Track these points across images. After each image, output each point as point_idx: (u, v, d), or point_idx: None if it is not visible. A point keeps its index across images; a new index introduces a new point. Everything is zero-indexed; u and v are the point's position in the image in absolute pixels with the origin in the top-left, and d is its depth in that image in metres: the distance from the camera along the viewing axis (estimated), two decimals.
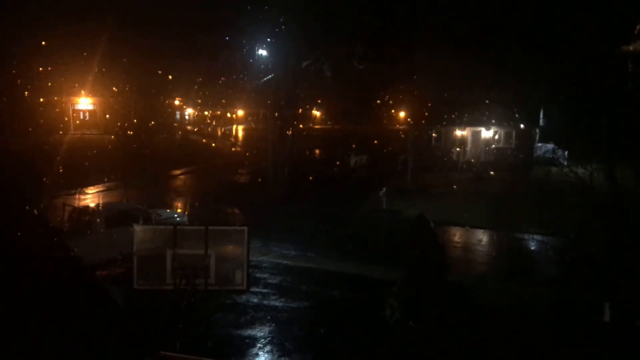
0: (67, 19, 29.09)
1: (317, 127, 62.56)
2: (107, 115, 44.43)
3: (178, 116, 60.90)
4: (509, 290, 13.28)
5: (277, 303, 12.37)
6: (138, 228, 11.93)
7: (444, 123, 37.59)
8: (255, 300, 12.39)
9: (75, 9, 29.12)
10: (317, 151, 44.64)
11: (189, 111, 64.76)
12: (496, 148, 36.62)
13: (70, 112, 43.88)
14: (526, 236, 18.80)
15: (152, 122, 44.41)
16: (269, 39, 28.77)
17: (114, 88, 42.87)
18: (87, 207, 16.95)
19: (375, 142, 44.18)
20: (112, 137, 41.29)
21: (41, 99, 35.82)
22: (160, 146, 42.25)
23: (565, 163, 31.03)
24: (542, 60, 23.69)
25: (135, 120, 43.44)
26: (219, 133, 58.05)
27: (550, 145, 34.57)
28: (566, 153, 29.18)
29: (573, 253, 16.37)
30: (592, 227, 16.43)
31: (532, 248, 18.00)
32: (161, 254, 11.63)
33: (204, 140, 51.42)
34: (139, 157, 34.94)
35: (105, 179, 26.92)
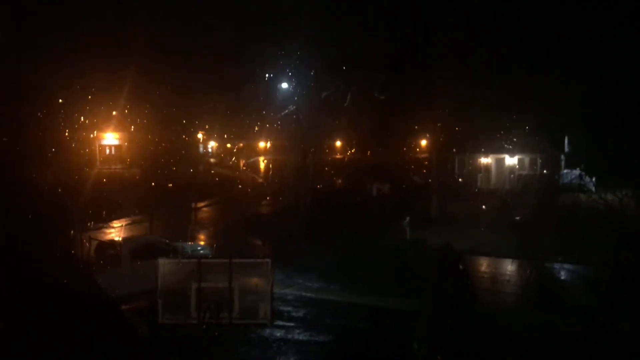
0: (94, 54, 30.01)
1: (338, 156, 62.73)
2: (132, 150, 45.34)
3: (201, 149, 61.85)
4: (540, 320, 12.84)
5: (302, 337, 12.16)
6: (162, 261, 12.01)
7: (467, 150, 37.33)
8: (280, 334, 12.21)
9: (101, 45, 30.04)
10: (338, 181, 44.61)
11: (212, 144, 65.73)
12: (521, 175, 36.12)
13: (97, 147, 44.92)
14: (556, 265, 18.30)
15: (176, 156, 45.12)
16: (289, 71, 29.24)
17: (139, 123, 43.83)
18: (112, 241, 17.15)
19: (397, 170, 44.00)
20: (138, 171, 42.01)
21: (68, 135, 36.79)
22: (184, 179, 42.78)
23: (594, 189, 30.60)
24: (568, 86, 23.47)
25: (159, 154, 44.21)
26: (242, 165, 58.64)
27: (576, 172, 34.00)
28: (594, 179, 28.62)
29: (604, 282, 15.89)
30: (623, 255, 15.95)
31: (562, 277, 17.50)
32: (185, 288, 11.65)
33: (226, 173, 51.95)
34: (163, 190, 35.40)
35: (131, 213, 27.27)
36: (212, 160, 61.38)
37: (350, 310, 13.91)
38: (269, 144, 64.49)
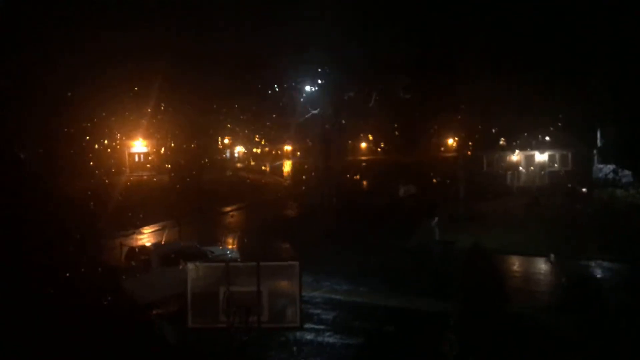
0: (122, 64, 30.63)
1: (364, 158, 62.49)
2: (160, 157, 46.09)
3: (228, 154, 62.46)
4: (575, 321, 12.43)
5: (331, 340, 12.07)
6: (191, 266, 12.04)
7: (496, 148, 36.71)
8: (310, 337, 12.15)
9: (129, 55, 30.64)
10: (365, 182, 44.41)
11: (238, 149, 66.32)
12: (551, 172, 35.30)
13: (126, 155, 45.83)
14: (591, 263, 17.77)
15: (203, 161, 45.66)
16: (313, 75, 29.27)
17: (167, 130, 44.54)
18: (143, 247, 17.38)
19: (424, 170, 43.53)
20: (166, 177, 42.67)
21: (98, 144, 37.62)
22: (212, 184, 43.25)
23: (629, 184, 29.68)
24: (598, 79, 22.83)
25: (186, 160, 44.83)
26: (268, 169, 58.97)
27: (611, 167, 33.00)
28: (630, 174, 27.78)
29: None
30: None
31: (598, 275, 16.97)
32: (214, 292, 11.65)
33: (253, 177, 52.30)
34: (191, 196, 35.83)
35: (160, 218, 27.64)
36: (238, 165, 61.95)
37: (379, 312, 13.78)
38: (294, 148, 64.73)
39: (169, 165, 44.14)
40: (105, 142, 39.48)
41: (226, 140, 59.75)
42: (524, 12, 25.42)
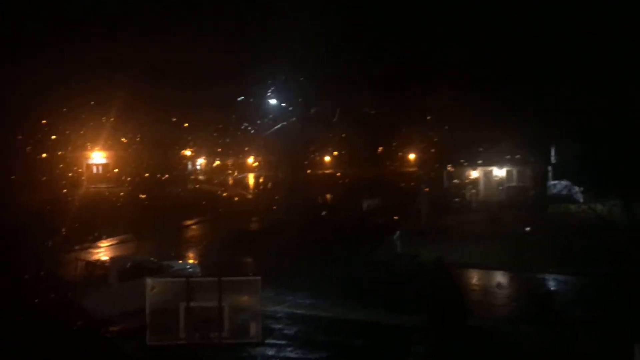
0: (82, 74, 29.91)
1: (328, 172, 62.77)
2: (120, 169, 45.04)
3: (190, 166, 61.59)
4: (534, 332, 12.73)
5: (294, 355, 11.93)
6: (151, 281, 11.78)
7: (456, 164, 37.48)
8: (271, 352, 11.98)
9: (89, 65, 29.95)
10: (329, 196, 44.53)
11: (201, 161, 65.49)
12: (509, 187, 36.28)
13: (84, 166, 44.57)
14: (547, 276, 18.27)
15: (165, 174, 44.85)
16: (279, 89, 29.32)
17: (127, 141, 43.61)
18: (99, 261, 16.84)
19: (388, 184, 44.03)
20: (125, 189, 41.67)
21: (53, 155, 36.46)
22: (173, 197, 42.46)
23: (582, 200, 30.82)
24: (554, 98, 23.76)
25: (147, 172, 43.93)
26: (231, 182, 58.40)
27: (564, 182, 34.20)
28: (582, 190, 28.83)
29: (598, 292, 15.88)
30: (614, 265, 15.97)
31: (555, 288, 17.45)
32: (174, 307, 11.42)
33: (215, 190, 51.67)
34: (151, 209, 35.05)
35: (119, 232, 26.91)
36: (200, 177, 61.13)
37: (342, 326, 13.72)
38: (258, 160, 64.42)
39: (129, 178, 43.14)
40: (62, 153, 38.30)
41: (188, 152, 58.96)
42: (483, 33, 26.27)
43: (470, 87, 29.17)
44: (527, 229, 24.37)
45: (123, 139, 43.30)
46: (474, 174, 37.20)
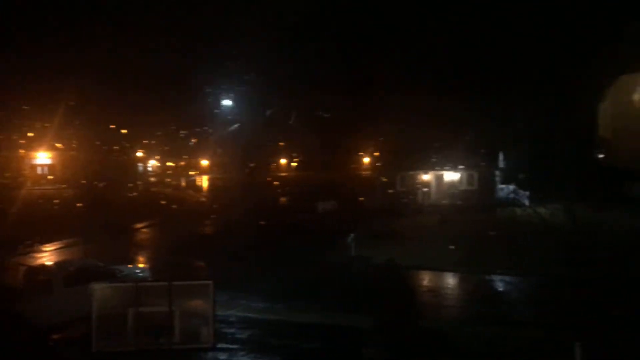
0: (28, 73, 28.72)
1: (283, 174, 62.65)
2: (66, 169, 43.44)
3: (141, 168, 60.06)
4: (481, 332, 13.12)
5: (245, 359, 11.83)
6: (97, 287, 11.41)
7: (409, 168, 38.21)
8: (224, 357, 11.82)
9: (37, 63, 28.79)
10: (283, 199, 44.44)
11: (152, 162, 63.98)
12: (459, 190, 37.30)
13: (28, 166, 42.72)
14: (495, 277, 18.86)
15: (114, 175, 43.57)
16: (233, 90, 29.04)
17: (74, 141, 42.14)
18: (43, 266, 16.15)
19: (343, 188, 44.36)
20: (72, 190, 40.22)
21: None
22: (122, 198, 41.31)
23: (527, 203, 32.08)
24: (502, 105, 24.70)
25: (96, 173, 42.57)
26: (183, 183, 57.33)
27: (511, 187, 35.52)
28: (527, 194, 30.05)
29: (542, 293, 16.55)
30: (557, 266, 16.69)
31: (502, 289, 18.04)
32: (122, 313, 11.09)
33: (167, 191, 50.59)
34: (100, 211, 34.00)
35: (64, 235, 25.92)
36: (152, 179, 59.71)
37: (296, 329, 13.70)
38: (211, 162, 63.53)
39: (76, 179, 41.66)
40: (4, 152, 36.60)
41: (139, 154, 57.51)
42: (437, 40, 26.97)
43: (423, 93, 29.89)
44: (421, 230, 25.03)
45: (70, 139, 41.81)
46: (426, 177, 38.03)
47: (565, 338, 10.96)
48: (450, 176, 37.60)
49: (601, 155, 32.71)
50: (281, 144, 52.16)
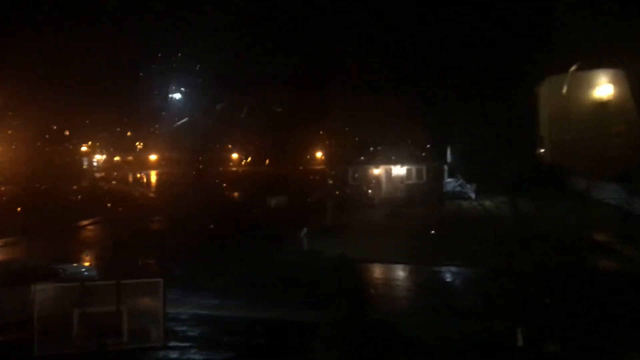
0: None
1: (234, 169, 62.00)
2: (6, 165, 41.39)
3: (86, 163, 57.95)
4: (431, 323, 13.54)
5: (198, 357, 11.72)
6: (39, 287, 10.99)
7: (360, 162, 38.67)
8: (175, 355, 11.67)
9: None
10: (235, 194, 44.04)
11: (98, 157, 61.86)
12: (409, 184, 38.10)
13: None
14: (442, 269, 19.45)
15: (57, 170, 41.91)
16: (183, 84, 28.47)
17: (14, 135, 40.20)
18: None
19: (294, 182, 44.41)
20: (12, 186, 38.40)
21: None
22: (67, 195, 39.81)
23: (473, 196, 33.19)
24: (451, 102, 25.45)
25: (38, 168, 40.83)
26: (131, 179, 55.74)
27: (458, 180, 36.63)
28: (473, 187, 31.11)
29: (487, 283, 17.22)
30: (501, 257, 17.41)
31: (450, 280, 18.63)
32: (67, 314, 10.73)
33: (114, 187, 49.08)
34: (43, 208, 32.67)
35: (4, 234, 24.75)
36: (97, 174, 57.71)
37: (247, 325, 13.68)
38: (161, 157, 62.06)
39: (17, 174, 39.78)
40: None
41: (84, 148, 55.46)
42: (389, 37, 27.43)
43: (374, 90, 30.32)
44: (372, 223, 25.66)
45: (10, 133, 39.84)
46: (377, 171, 38.62)
47: (508, 325, 11.48)
48: (400, 170, 38.34)
49: (542, 151, 34.32)
50: (232, 139, 51.61)
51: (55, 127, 40.23)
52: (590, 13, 24.37)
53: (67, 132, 42.15)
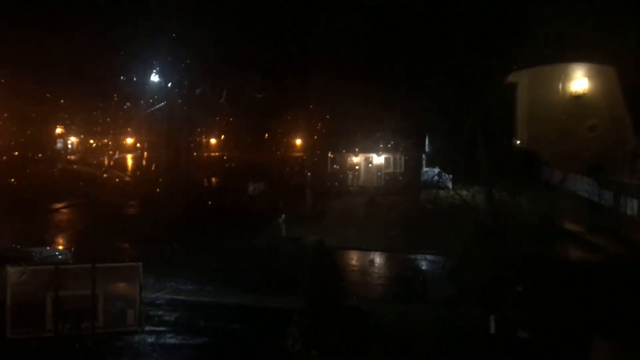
0: None
1: (213, 154, 61.45)
2: None
3: (60, 145, 56.77)
4: (406, 311, 13.74)
5: (174, 341, 11.71)
6: (12, 270, 10.80)
7: (339, 150, 38.72)
8: (151, 339, 11.64)
9: None
10: (214, 179, 43.73)
11: (72, 139, 60.66)
12: (387, 173, 38.33)
13: None
14: (419, 257, 19.72)
15: (29, 152, 40.98)
16: (161, 66, 27.94)
17: None
18: None
19: (274, 169, 44.28)
20: None
21: None
22: (40, 177, 39.00)
23: (450, 186, 33.52)
24: (427, 91, 25.55)
25: (8, 151, 39.88)
26: (107, 162, 54.85)
27: (435, 170, 36.92)
28: (450, 177, 31.39)
29: (462, 272, 17.49)
30: (476, 246, 17.67)
31: (425, 268, 18.90)
32: (40, 297, 10.59)
33: (89, 171, 48.26)
34: (15, 191, 32.01)
35: None
36: (72, 157, 56.60)
37: (224, 311, 13.71)
38: (137, 141, 61.12)
39: None
40: None
41: (58, 130, 54.29)
42: (370, 24, 27.31)
43: (353, 77, 30.25)
44: (350, 211, 25.71)
45: None
46: (355, 160, 38.74)
47: (482, 312, 11.73)
48: (379, 159, 38.53)
49: (518, 142, 34.83)
50: (212, 123, 51.04)
51: (28, 109, 39.15)
52: (573, 6, 24.71)
53: (34, 115, 41.00)
